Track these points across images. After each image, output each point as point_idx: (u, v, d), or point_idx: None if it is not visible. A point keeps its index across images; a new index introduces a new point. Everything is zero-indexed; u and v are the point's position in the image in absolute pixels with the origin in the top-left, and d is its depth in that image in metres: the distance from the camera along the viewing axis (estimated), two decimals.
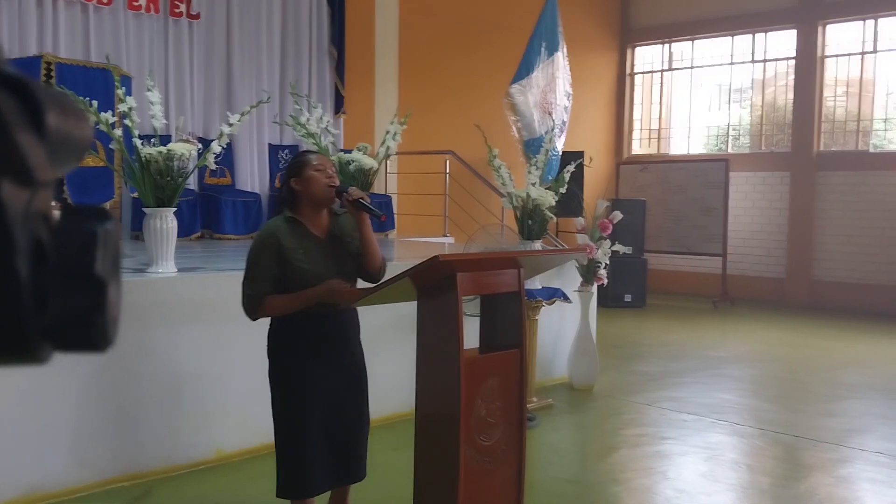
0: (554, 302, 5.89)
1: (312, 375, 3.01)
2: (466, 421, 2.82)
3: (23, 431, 3.86)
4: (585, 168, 8.46)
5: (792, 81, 12.24)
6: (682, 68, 13.57)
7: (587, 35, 12.91)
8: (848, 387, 6.75)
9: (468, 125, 7.55)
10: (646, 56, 13.97)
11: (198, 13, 8.36)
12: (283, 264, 2.95)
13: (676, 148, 13.75)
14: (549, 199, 5.89)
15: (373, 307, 3.47)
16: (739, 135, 13.20)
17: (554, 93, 7.63)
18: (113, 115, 4.52)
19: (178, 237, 4.75)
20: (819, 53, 11.91)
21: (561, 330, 6.71)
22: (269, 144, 9.00)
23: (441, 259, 2.74)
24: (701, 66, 13.32)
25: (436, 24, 10.75)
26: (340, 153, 6.75)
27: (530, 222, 5.92)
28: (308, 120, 6.47)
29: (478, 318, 3.23)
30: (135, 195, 4.74)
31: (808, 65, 11.94)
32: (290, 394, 3.03)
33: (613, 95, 13.91)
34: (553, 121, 7.47)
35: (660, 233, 12.45)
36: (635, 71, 14.04)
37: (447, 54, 10.88)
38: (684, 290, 12.77)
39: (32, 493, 3.86)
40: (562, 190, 6.12)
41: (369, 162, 6.46)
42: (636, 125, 14.10)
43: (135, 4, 7.88)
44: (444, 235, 9.53)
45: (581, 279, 6.42)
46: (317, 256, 3.00)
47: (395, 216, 9.32)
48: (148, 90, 4.67)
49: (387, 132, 6.71)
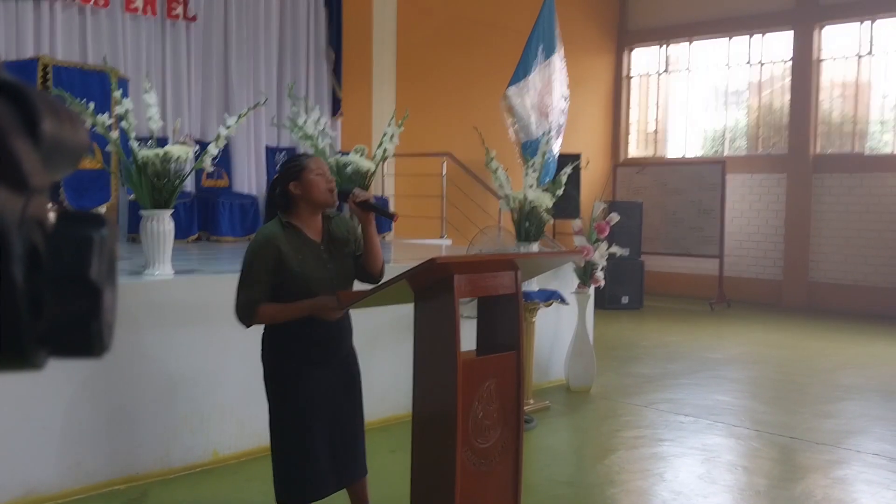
0: (551, 304, 5.89)
1: (308, 379, 3.01)
2: (463, 423, 2.82)
3: (18, 434, 3.85)
4: (582, 170, 8.47)
5: (788, 84, 12.26)
6: (679, 70, 13.59)
7: (584, 37, 12.93)
8: (844, 388, 6.75)
9: (465, 127, 7.56)
10: (643, 58, 13.99)
11: (195, 15, 8.36)
12: (282, 270, 2.91)
13: (673, 150, 13.77)
14: (547, 201, 5.89)
15: (370, 309, 3.47)
16: (736, 137, 13.21)
17: (551, 95, 7.63)
18: (110, 118, 4.52)
19: (175, 239, 4.75)
20: (815, 56, 11.93)
21: (558, 332, 6.72)
22: (267, 147, 9.00)
23: (438, 261, 2.74)
24: (698, 69, 13.34)
25: (433, 27, 10.75)
26: (338, 155, 6.75)
27: (527, 224, 5.93)
28: (305, 122, 6.47)
29: (475, 321, 3.24)
30: (132, 197, 4.73)
31: (805, 67, 11.96)
32: (287, 398, 3.02)
33: (610, 97, 13.92)
34: (550, 123, 7.47)
35: (656, 235, 12.46)
36: (632, 73, 14.05)
37: (444, 56, 10.88)
38: (681, 292, 12.78)
39: (28, 496, 3.85)
40: (559, 192, 6.13)
41: (366, 164, 6.46)
42: (633, 127, 14.11)
43: (132, 6, 7.87)
44: (442, 237, 9.53)
45: (578, 281, 6.42)
46: (315, 261, 2.98)
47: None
48: (145, 92, 4.67)
49: (384, 134, 6.70)
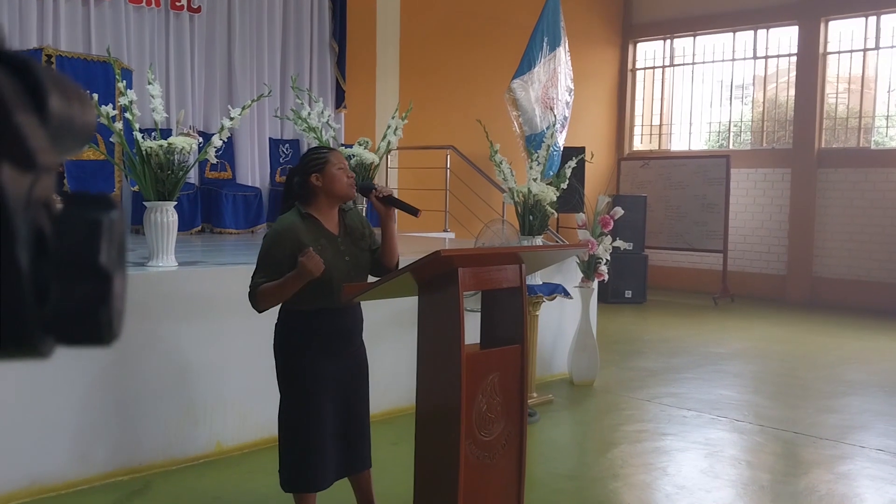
0: (554, 297, 5.89)
1: (319, 370, 3.03)
2: (467, 416, 2.81)
3: (23, 425, 3.85)
4: (586, 164, 8.44)
5: (793, 78, 12.22)
6: (684, 64, 13.55)
7: (589, 30, 12.89)
8: (848, 383, 6.74)
9: (469, 120, 7.54)
10: (647, 52, 13.94)
11: (199, 6, 8.34)
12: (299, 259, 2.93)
13: (678, 144, 13.73)
14: (551, 195, 5.88)
15: (373, 302, 3.47)
16: (741, 131, 13.18)
17: (555, 88, 7.61)
18: (113, 109, 4.51)
19: (179, 231, 4.75)
20: (821, 50, 11.88)
21: (561, 326, 6.71)
22: (270, 139, 8.99)
23: (442, 254, 2.73)
24: (702, 62, 13.30)
25: (437, 19, 10.72)
26: (341, 148, 6.74)
27: (531, 218, 5.91)
28: (309, 114, 6.46)
29: (478, 314, 3.23)
30: (135, 189, 4.73)
31: (810, 61, 11.91)
32: (298, 388, 3.06)
33: (615, 91, 13.88)
34: (554, 116, 7.45)
35: (660, 229, 12.44)
36: (637, 66, 14.01)
37: (448, 49, 10.86)
38: (685, 287, 12.76)
39: (32, 487, 3.86)
40: (563, 185, 6.11)
41: (370, 157, 6.45)
42: (637, 121, 14.07)
43: None
44: (445, 231, 9.51)
45: (582, 275, 6.41)
46: (334, 251, 3.00)
47: (396, 211, 9.30)
48: (149, 83, 4.66)
49: (388, 127, 6.69)
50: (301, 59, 9.21)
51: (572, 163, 6.18)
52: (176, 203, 4.59)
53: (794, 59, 12.19)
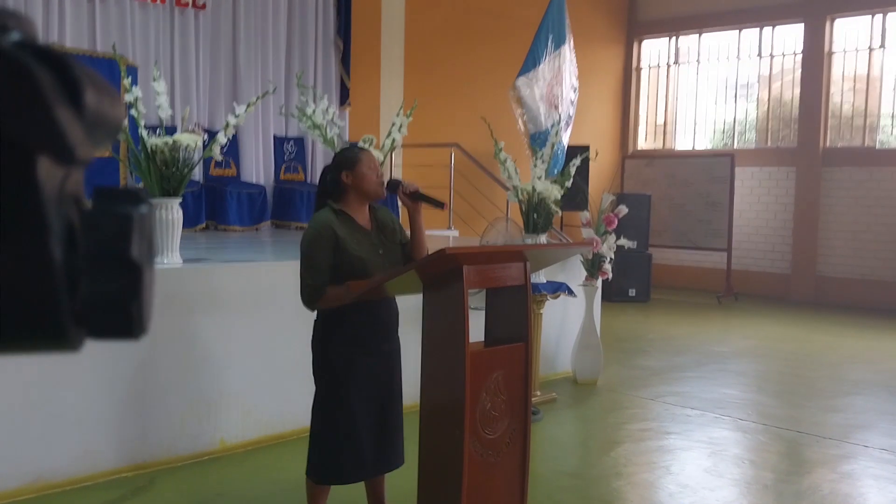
0: (558, 296, 5.88)
1: (355, 363, 3.09)
2: (471, 414, 2.82)
3: (28, 422, 3.87)
4: (591, 162, 8.44)
5: (799, 76, 12.19)
6: (689, 62, 13.52)
7: (594, 28, 12.87)
8: (852, 383, 6.73)
9: (474, 118, 7.54)
10: (652, 50, 13.92)
11: (204, 3, 8.34)
12: (339, 253, 3.02)
13: (682, 142, 13.71)
14: (555, 193, 5.87)
15: None
16: (745, 130, 13.15)
17: (560, 86, 7.60)
18: None
19: (183, 228, 4.75)
20: (826, 49, 11.85)
21: (565, 324, 6.71)
22: (275, 136, 8.99)
23: (448, 252, 2.74)
24: (707, 61, 13.27)
25: (442, 16, 10.71)
26: (346, 145, 6.74)
27: (535, 216, 5.91)
28: (314, 111, 6.46)
29: (483, 312, 3.23)
30: (140, 185, 4.73)
31: (816, 60, 11.89)
32: (335, 385, 3.11)
33: (619, 89, 13.87)
34: (559, 114, 7.45)
35: (665, 227, 12.43)
36: (641, 65, 13.99)
37: (453, 46, 10.85)
38: (689, 285, 12.75)
39: (37, 483, 3.87)
40: (567, 184, 6.11)
41: (375, 154, 6.44)
42: (642, 119, 14.06)
43: None
44: (449, 228, 9.51)
45: (586, 273, 6.41)
46: (369, 246, 3.09)
47: (399, 209, 9.30)
48: (154, 80, 4.67)
49: (392, 124, 6.68)
50: (306, 57, 9.21)
51: (576, 161, 6.17)
52: (181, 200, 4.60)
53: (800, 58, 12.16)
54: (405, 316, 3.33)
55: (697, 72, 13.43)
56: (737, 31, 12.85)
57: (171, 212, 4.54)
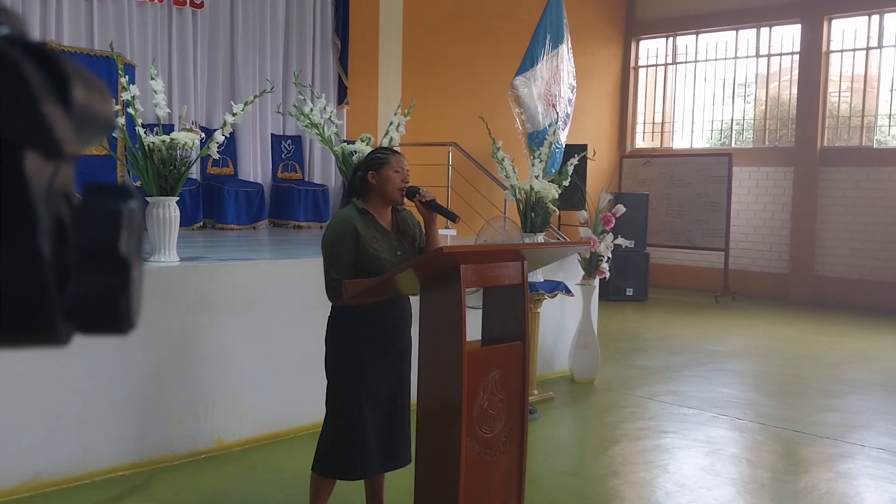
0: (556, 295, 5.89)
1: (368, 364, 3.12)
2: (468, 413, 2.82)
3: (25, 420, 3.86)
4: (589, 161, 8.45)
5: (796, 76, 12.20)
6: (687, 62, 13.53)
7: (592, 27, 12.87)
8: (849, 382, 6.74)
9: (472, 117, 7.53)
10: (650, 49, 13.93)
11: (202, 2, 8.34)
12: (359, 251, 3.08)
13: (680, 142, 13.72)
14: (553, 192, 5.87)
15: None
16: (743, 129, 13.16)
17: (558, 85, 7.60)
18: (116, 104, 4.52)
19: (181, 227, 4.75)
20: (824, 48, 11.86)
21: (562, 323, 6.71)
22: (272, 135, 8.99)
23: (445, 251, 2.74)
24: (705, 60, 13.28)
25: (440, 15, 10.71)
26: (343, 144, 6.73)
27: (533, 215, 5.91)
28: (311, 110, 6.45)
29: (480, 311, 3.23)
30: (137, 184, 4.72)
31: (813, 60, 11.90)
32: (346, 381, 3.14)
33: (617, 88, 13.87)
34: (557, 113, 7.44)
35: (662, 227, 12.44)
36: (639, 64, 14.00)
37: (451, 45, 10.84)
38: (686, 285, 12.76)
39: (34, 481, 3.86)
40: (565, 183, 6.11)
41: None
42: (640, 118, 14.06)
43: None
44: (447, 227, 9.50)
45: (583, 272, 6.41)
46: (388, 246, 3.15)
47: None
48: (151, 79, 4.66)
49: (390, 123, 6.68)
50: (303, 55, 9.21)
51: (574, 160, 6.18)
52: (178, 199, 4.60)
53: (797, 58, 12.17)
54: None
55: (695, 71, 13.44)
56: (734, 31, 12.86)
57: (169, 210, 4.54)
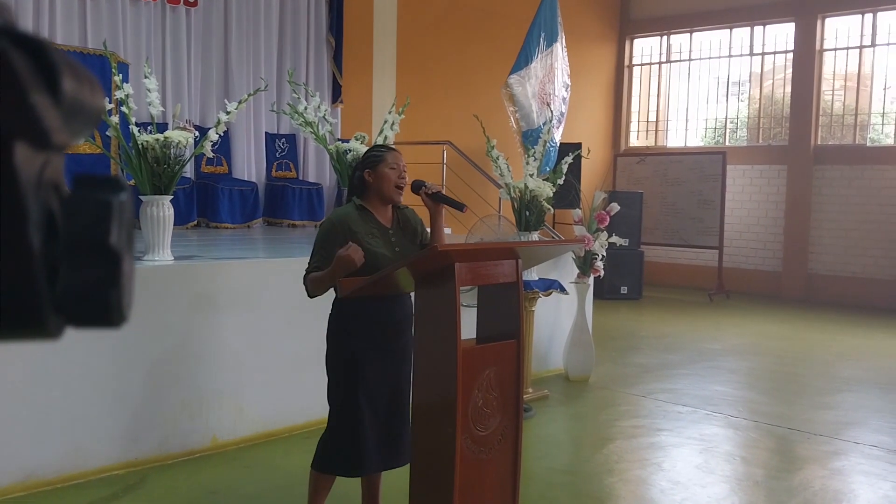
0: (550, 293, 5.89)
1: (368, 363, 3.12)
2: (463, 411, 2.82)
3: (18, 419, 3.85)
4: (583, 160, 8.43)
5: (790, 75, 12.23)
6: (681, 60, 13.55)
7: (586, 26, 12.88)
8: (843, 380, 6.76)
9: (466, 115, 7.53)
10: (644, 48, 13.94)
11: (196, 0, 8.32)
12: None
13: (674, 140, 13.74)
14: (547, 191, 5.88)
15: None
16: (737, 128, 13.19)
17: (552, 83, 7.60)
18: (110, 102, 4.50)
19: (175, 225, 4.74)
20: (817, 47, 11.89)
21: (557, 321, 6.72)
22: (266, 133, 8.97)
23: (439, 249, 2.74)
24: (699, 59, 13.30)
25: (434, 14, 10.71)
26: (338, 142, 6.73)
27: (528, 213, 5.91)
28: (306, 109, 6.44)
29: (475, 309, 3.24)
30: (131, 183, 4.71)
31: (807, 58, 11.92)
32: (346, 379, 3.14)
33: (612, 87, 13.88)
34: (551, 112, 7.45)
35: (656, 225, 12.45)
36: (633, 63, 14.01)
37: (445, 44, 10.84)
38: (680, 283, 12.78)
39: (28, 480, 3.85)
40: (559, 181, 6.11)
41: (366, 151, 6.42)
42: (634, 117, 14.08)
43: None
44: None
45: (578, 271, 6.42)
46: (385, 243, 3.15)
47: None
48: (145, 77, 4.65)
49: (384, 122, 6.67)
50: (298, 54, 9.20)
51: (569, 158, 6.18)
52: (172, 197, 4.59)
53: (791, 56, 12.20)
54: None
55: (689, 70, 13.46)
56: (728, 30, 12.88)
57: (163, 209, 4.53)
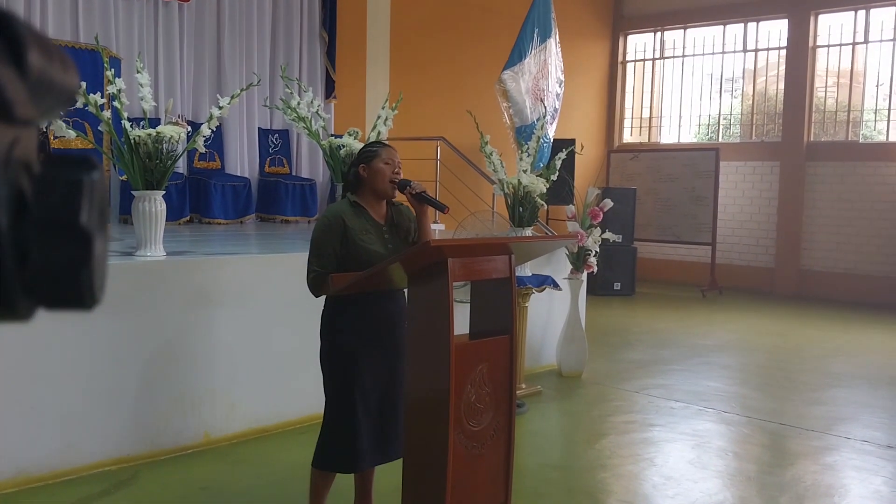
0: (544, 289, 5.89)
1: (361, 358, 3.12)
2: (456, 406, 2.82)
3: (9, 415, 3.84)
4: (576, 156, 8.46)
5: (783, 71, 12.25)
6: (674, 57, 13.56)
7: (579, 22, 12.87)
8: (835, 376, 6.79)
9: (460, 111, 7.52)
10: (638, 44, 13.95)
11: None
12: (348, 243, 3.09)
13: (667, 137, 13.76)
14: (540, 187, 5.88)
15: None
16: (730, 124, 13.21)
17: (546, 79, 7.60)
18: (102, 97, 4.48)
19: (167, 221, 4.72)
20: (811, 43, 11.92)
21: (550, 317, 6.72)
22: (259, 128, 8.95)
23: (432, 244, 2.74)
24: (692, 55, 13.31)
25: (428, 9, 10.68)
26: (331, 138, 6.72)
27: (521, 209, 5.91)
28: (298, 104, 6.43)
29: (468, 305, 3.23)
30: (123, 178, 4.70)
31: (800, 55, 11.95)
32: (340, 375, 3.15)
33: (605, 83, 13.89)
34: (545, 108, 7.45)
35: (649, 221, 12.47)
36: (627, 59, 14.02)
37: (439, 39, 10.82)
38: (673, 279, 12.80)
39: (19, 476, 3.84)
40: (553, 177, 6.11)
41: (359, 147, 6.42)
42: (627, 113, 14.09)
43: None
44: (435, 222, 9.49)
45: (571, 266, 6.42)
46: (378, 239, 3.16)
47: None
48: (137, 72, 4.63)
49: (378, 117, 6.67)
50: (291, 49, 9.17)
51: (562, 154, 6.18)
52: (164, 192, 4.57)
53: (784, 53, 12.22)
54: None
55: (682, 66, 13.47)
56: (721, 26, 12.89)
57: (155, 204, 4.51)
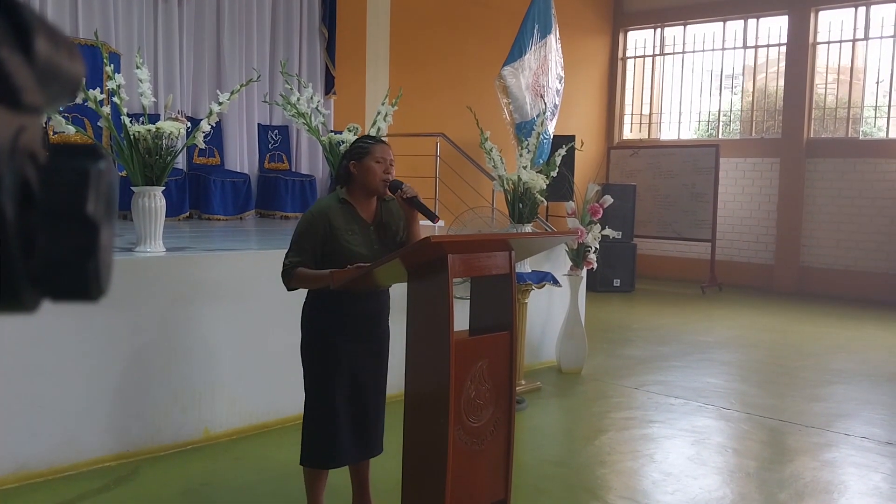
0: (543, 285, 5.89)
1: (340, 352, 3.12)
2: (456, 402, 2.82)
3: (10, 411, 3.84)
4: (576, 152, 8.42)
5: (783, 68, 12.24)
6: (674, 53, 13.54)
7: (580, 18, 12.85)
8: (834, 372, 6.79)
9: (459, 107, 7.52)
10: (638, 40, 13.93)
11: None
12: (331, 241, 3.07)
13: (667, 133, 13.75)
14: (540, 183, 5.87)
15: None
16: (730, 121, 13.20)
17: (546, 76, 7.59)
18: (101, 93, 4.47)
19: (167, 217, 4.72)
20: (811, 40, 11.90)
21: (550, 313, 6.72)
22: (259, 124, 8.94)
23: (432, 240, 2.73)
24: (692, 52, 13.30)
25: (428, 5, 10.67)
26: (331, 134, 6.71)
27: (521, 205, 5.91)
28: (298, 100, 6.42)
29: (468, 301, 3.23)
30: (123, 174, 4.69)
31: (800, 51, 11.93)
32: (319, 369, 3.15)
33: (605, 79, 13.87)
34: (545, 104, 7.44)
35: (649, 218, 12.47)
36: (627, 55, 14.00)
37: (439, 35, 10.81)
38: (673, 276, 12.80)
39: (19, 472, 3.84)
40: (553, 174, 6.11)
41: None
42: (627, 110, 14.07)
43: None
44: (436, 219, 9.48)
45: (570, 263, 6.42)
46: (364, 238, 3.13)
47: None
48: (137, 68, 4.62)
49: (377, 113, 6.65)
50: (290, 45, 9.15)
51: (562, 151, 6.17)
52: (164, 188, 4.57)
53: (784, 49, 12.20)
54: (391, 305, 3.34)
55: (682, 62, 13.46)
56: (721, 23, 12.88)
57: (154, 200, 4.51)
